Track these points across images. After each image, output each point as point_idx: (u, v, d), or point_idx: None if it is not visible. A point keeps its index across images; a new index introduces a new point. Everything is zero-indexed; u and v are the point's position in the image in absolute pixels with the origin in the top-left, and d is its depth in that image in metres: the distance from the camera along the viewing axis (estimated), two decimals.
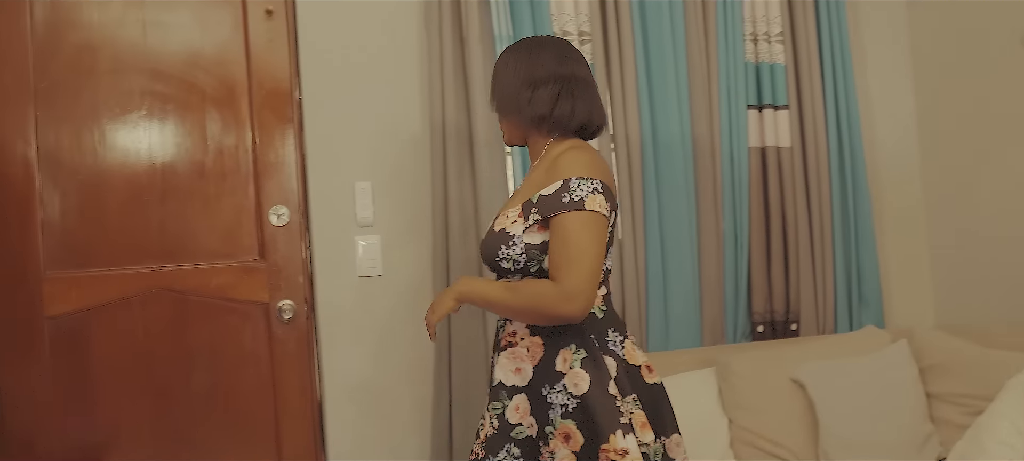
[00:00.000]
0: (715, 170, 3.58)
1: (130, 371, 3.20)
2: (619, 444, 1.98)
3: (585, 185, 2.02)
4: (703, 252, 3.58)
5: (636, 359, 2.16)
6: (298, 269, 3.30)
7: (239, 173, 3.29)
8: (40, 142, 3.14)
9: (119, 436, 3.21)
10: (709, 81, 3.59)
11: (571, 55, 2.23)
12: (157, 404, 3.22)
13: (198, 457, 3.23)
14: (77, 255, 3.17)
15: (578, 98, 2.17)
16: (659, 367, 3.22)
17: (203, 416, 3.23)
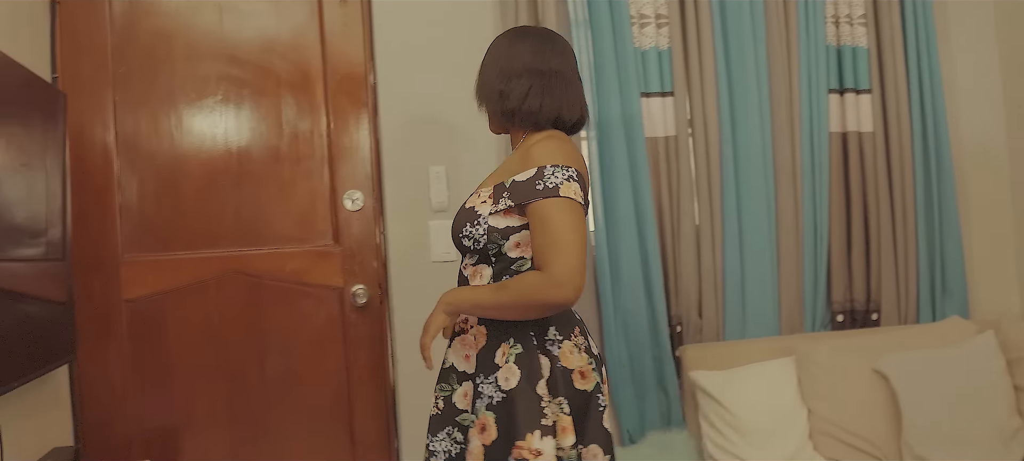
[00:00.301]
0: (795, 156, 3.50)
1: (205, 354, 3.23)
2: (534, 444, 1.97)
3: (559, 172, 2.00)
4: (782, 239, 3.50)
5: (570, 363, 2.10)
6: (372, 254, 3.29)
7: (314, 158, 3.28)
8: (118, 128, 3.17)
9: (194, 419, 3.23)
10: (789, 65, 3.50)
11: (551, 48, 2.20)
12: (231, 387, 3.24)
13: (272, 440, 3.25)
14: (154, 239, 3.20)
15: (548, 93, 2.15)
16: (736, 355, 3.29)
17: (277, 400, 3.24)
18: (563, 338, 2.11)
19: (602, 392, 2.13)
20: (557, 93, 2.16)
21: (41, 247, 2.64)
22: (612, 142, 3.34)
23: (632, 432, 3.41)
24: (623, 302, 3.37)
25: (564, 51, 2.22)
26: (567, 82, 2.19)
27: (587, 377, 2.10)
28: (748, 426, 3.12)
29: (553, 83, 2.16)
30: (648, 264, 3.37)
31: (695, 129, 3.43)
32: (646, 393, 3.43)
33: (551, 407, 2.04)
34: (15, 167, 2.42)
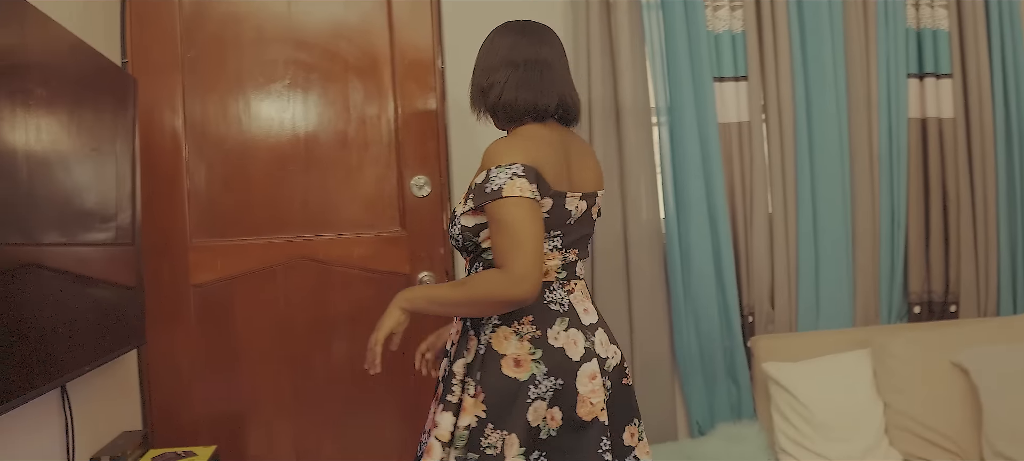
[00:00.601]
0: (872, 143, 3.41)
1: (271, 340, 3.23)
2: (435, 417, 2.13)
3: (503, 173, 2.02)
4: (857, 228, 3.42)
5: (503, 348, 2.11)
6: (439, 241, 3.26)
7: (381, 143, 3.26)
8: (187, 112, 3.18)
9: (259, 405, 3.24)
10: (867, 48, 3.40)
11: (528, 38, 2.21)
12: (297, 374, 3.24)
13: (337, 429, 3.24)
14: (222, 224, 3.21)
15: (523, 85, 2.16)
16: (809, 346, 3.23)
17: (342, 388, 3.23)
18: (501, 323, 2.11)
19: (545, 385, 2.09)
20: (532, 83, 2.16)
21: (111, 232, 2.64)
22: (684, 128, 3.28)
23: (701, 423, 3.37)
24: (694, 291, 3.32)
25: (543, 40, 2.22)
26: (542, 71, 2.18)
27: (522, 365, 2.08)
28: (822, 420, 3.05)
29: (528, 74, 2.17)
30: (720, 253, 3.32)
31: (769, 115, 3.36)
32: (716, 384, 3.38)
33: (459, 385, 2.12)
34: (86, 152, 2.42)
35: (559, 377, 2.08)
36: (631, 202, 3.25)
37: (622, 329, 3.26)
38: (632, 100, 3.23)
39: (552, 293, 2.15)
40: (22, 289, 1.99)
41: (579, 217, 2.18)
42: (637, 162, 3.25)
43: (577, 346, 2.12)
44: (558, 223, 2.13)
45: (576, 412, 2.09)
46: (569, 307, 2.16)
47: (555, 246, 2.15)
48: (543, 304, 2.13)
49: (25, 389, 1.96)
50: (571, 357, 2.10)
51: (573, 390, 2.09)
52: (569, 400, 2.09)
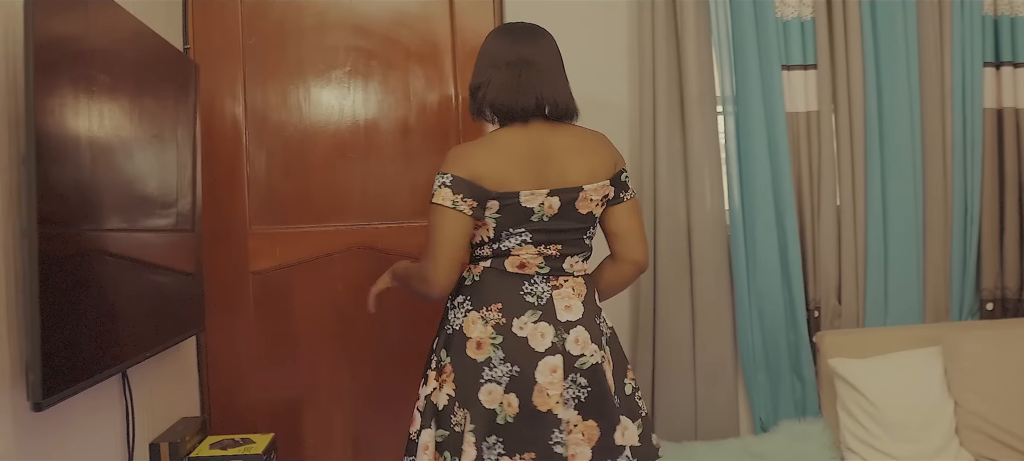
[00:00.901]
0: (945, 133, 3.31)
1: (329, 328, 3.22)
2: (421, 389, 2.32)
3: (438, 180, 2.22)
4: (929, 222, 3.33)
5: (470, 332, 2.24)
6: None
7: (442, 131, 3.23)
8: (247, 99, 3.17)
9: (316, 393, 3.24)
10: (941, 35, 3.30)
11: (510, 40, 2.30)
12: (354, 363, 3.24)
13: (393, 420, 3.20)
14: (281, 211, 3.20)
15: (504, 88, 2.26)
16: (877, 343, 3.18)
17: (400, 379, 3.20)
18: (472, 308, 2.26)
19: (500, 369, 2.21)
20: (510, 85, 2.25)
21: (172, 218, 2.65)
22: (750, 118, 3.21)
23: (764, 420, 3.31)
24: (758, 284, 3.26)
25: (527, 41, 2.30)
26: (521, 71, 2.26)
27: (482, 348, 2.21)
28: (890, 418, 2.98)
29: (508, 75, 2.25)
30: (786, 245, 3.25)
31: (838, 104, 3.28)
32: (780, 380, 3.31)
33: (433, 360, 2.31)
34: (148, 138, 2.43)
35: (516, 364, 2.19)
36: (695, 193, 3.20)
37: (684, 322, 3.21)
38: (697, 89, 3.17)
39: (532, 286, 2.26)
40: (86, 274, 1.99)
41: (555, 213, 2.25)
42: (702, 153, 3.19)
43: (544, 339, 2.21)
44: (518, 221, 2.24)
45: (532, 401, 2.19)
46: (547, 301, 2.25)
47: (524, 241, 2.25)
48: (519, 295, 2.25)
49: (88, 374, 1.96)
50: (534, 347, 2.20)
51: (531, 378, 2.19)
52: (526, 388, 2.19)
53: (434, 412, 2.25)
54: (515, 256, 2.26)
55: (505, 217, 2.23)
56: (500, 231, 2.25)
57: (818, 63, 3.27)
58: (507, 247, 2.26)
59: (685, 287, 3.23)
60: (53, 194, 1.81)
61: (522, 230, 2.24)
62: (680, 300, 3.21)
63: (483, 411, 2.19)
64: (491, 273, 2.28)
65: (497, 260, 2.28)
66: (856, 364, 3.09)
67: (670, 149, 3.19)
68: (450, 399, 2.22)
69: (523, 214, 2.23)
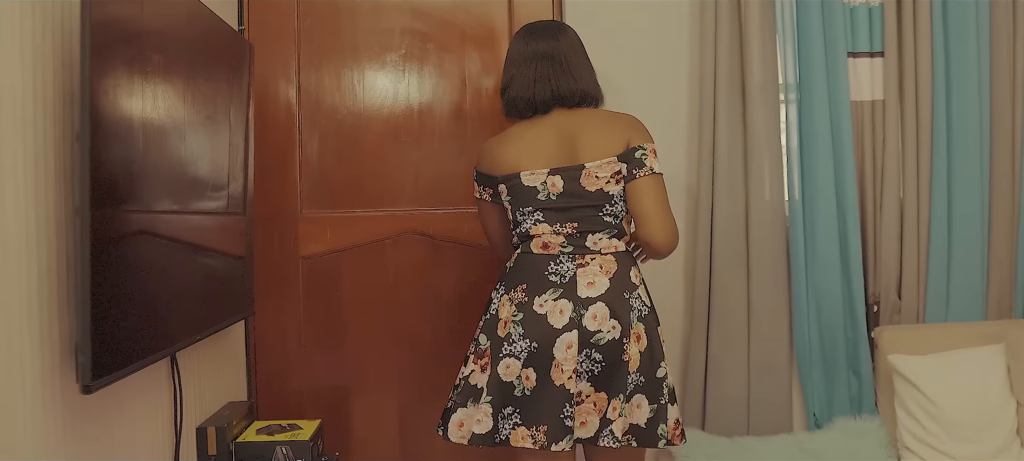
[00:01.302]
0: (1015, 125, 3.22)
1: (378, 315, 3.20)
2: (462, 368, 2.46)
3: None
4: (995, 217, 3.25)
5: (501, 314, 2.38)
6: None
7: (496, 116, 3.17)
8: (301, 82, 3.14)
9: (364, 380, 3.22)
10: (1015, 24, 3.21)
11: (529, 37, 2.48)
12: (403, 350, 3.21)
13: (440, 408, 3.17)
14: (332, 196, 3.17)
15: (521, 82, 2.43)
16: (938, 340, 3.12)
17: (449, 367, 3.15)
18: (504, 292, 2.41)
19: (520, 345, 2.32)
20: (527, 80, 2.43)
21: (223, 201, 2.63)
22: (814, 106, 3.15)
23: (818, 416, 3.26)
24: (816, 278, 3.20)
25: (544, 36, 2.46)
26: (538, 65, 2.42)
27: (506, 326, 2.35)
28: (950, 417, 2.92)
29: (526, 70, 2.43)
30: (847, 238, 3.18)
31: (905, 93, 3.19)
32: (836, 375, 3.26)
33: (474, 343, 2.44)
34: (201, 119, 2.41)
35: (535, 340, 2.30)
36: (754, 183, 3.13)
37: (739, 313, 3.17)
38: (760, 76, 3.11)
39: (557, 265, 2.36)
40: (137, 256, 1.98)
41: (560, 192, 2.36)
42: (762, 141, 3.13)
43: (562, 315, 2.30)
44: (525, 200, 2.40)
45: (549, 375, 2.29)
46: (570, 279, 2.33)
47: (537, 220, 2.40)
48: (543, 274, 2.36)
49: (138, 357, 1.96)
50: (553, 324, 2.30)
51: (549, 354, 2.29)
52: (544, 363, 2.30)
53: (471, 392, 2.37)
54: (537, 237, 2.40)
55: (514, 198, 2.42)
56: (515, 212, 2.44)
57: (885, 50, 3.19)
58: (526, 228, 2.41)
59: (742, 279, 3.17)
60: (106, 173, 1.80)
61: (531, 209, 2.39)
62: (736, 292, 3.16)
63: (500, 384, 2.32)
64: (522, 257, 2.42)
65: (525, 243, 2.43)
66: (916, 361, 3.03)
67: (731, 138, 3.13)
68: (491, 378, 2.35)
69: (528, 194, 2.39)
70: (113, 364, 1.81)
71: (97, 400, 1.95)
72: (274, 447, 2.64)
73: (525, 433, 2.29)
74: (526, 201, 2.39)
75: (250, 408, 2.87)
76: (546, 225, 2.37)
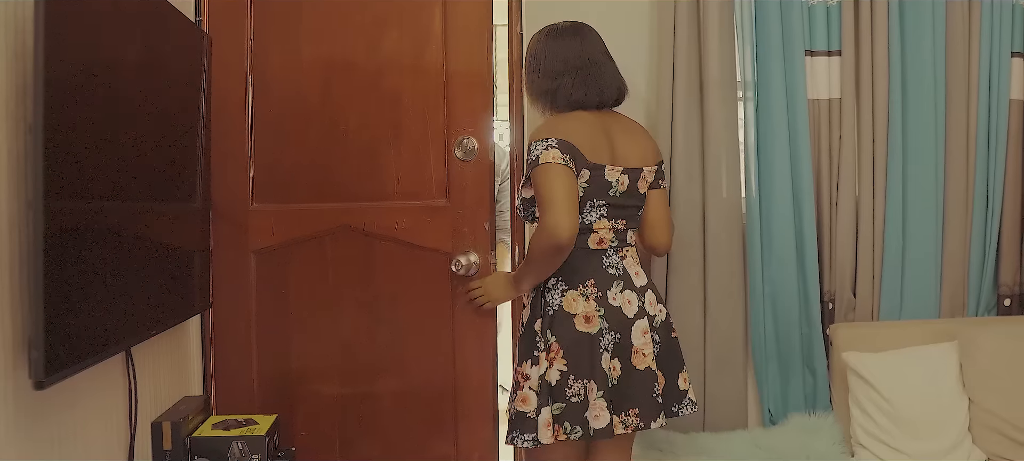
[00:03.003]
0: (969, 124, 3.23)
1: (320, 312, 3.12)
2: (526, 371, 2.48)
3: (540, 145, 2.41)
4: (949, 215, 3.27)
5: (573, 308, 2.46)
6: (485, 214, 3.08)
7: (427, 101, 3.05)
8: (253, 73, 3.06)
9: (318, 375, 3.16)
10: (970, 23, 3.22)
11: (581, 41, 2.58)
12: (343, 351, 3.13)
13: (377, 416, 3.15)
14: (279, 189, 3.09)
15: (589, 83, 2.54)
16: (892, 337, 3.13)
17: (383, 373, 3.12)
18: (568, 287, 2.48)
19: (607, 338, 2.46)
20: (591, 82, 2.54)
21: (180, 194, 2.62)
22: (771, 104, 3.15)
23: (774, 412, 3.27)
24: (772, 274, 3.21)
25: (593, 40, 2.60)
26: (599, 68, 2.56)
27: (591, 321, 2.45)
28: (903, 414, 2.95)
29: (587, 74, 2.54)
30: (802, 235, 3.20)
31: (861, 92, 3.21)
32: (791, 372, 3.27)
33: (542, 341, 2.46)
34: (157, 111, 2.40)
35: (617, 332, 2.46)
36: (711, 180, 3.14)
37: (696, 309, 3.17)
38: (718, 73, 3.10)
39: (609, 259, 2.52)
40: (92, 250, 1.96)
41: (624, 190, 2.52)
42: (720, 138, 3.13)
43: (631, 305, 2.50)
44: (600, 192, 2.48)
45: (631, 362, 2.47)
46: (623, 271, 2.52)
47: (602, 215, 2.50)
48: (602, 269, 2.50)
49: (94, 351, 1.95)
50: (627, 314, 2.48)
51: (628, 342, 2.47)
52: (626, 351, 2.47)
53: (549, 389, 2.43)
54: (595, 232, 2.50)
55: (591, 188, 2.46)
56: (585, 203, 2.47)
57: (843, 49, 3.20)
58: (589, 221, 2.48)
59: (698, 276, 3.18)
60: (60, 166, 1.77)
61: (602, 203, 2.49)
62: (692, 289, 3.17)
63: (604, 377, 2.43)
64: (577, 253, 2.47)
65: (581, 238, 2.48)
66: (870, 358, 3.05)
67: (687, 135, 3.12)
68: (562, 374, 2.42)
69: (605, 187, 2.48)
70: (67, 359, 1.80)
71: (50, 396, 1.93)
72: (230, 442, 2.62)
73: (616, 420, 2.45)
74: (600, 195, 2.48)
75: (206, 403, 2.84)
76: (606, 221, 2.50)
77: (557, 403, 2.42)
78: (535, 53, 2.61)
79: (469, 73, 3.04)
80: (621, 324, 2.47)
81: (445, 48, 3.04)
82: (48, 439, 1.97)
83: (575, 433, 2.40)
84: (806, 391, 3.29)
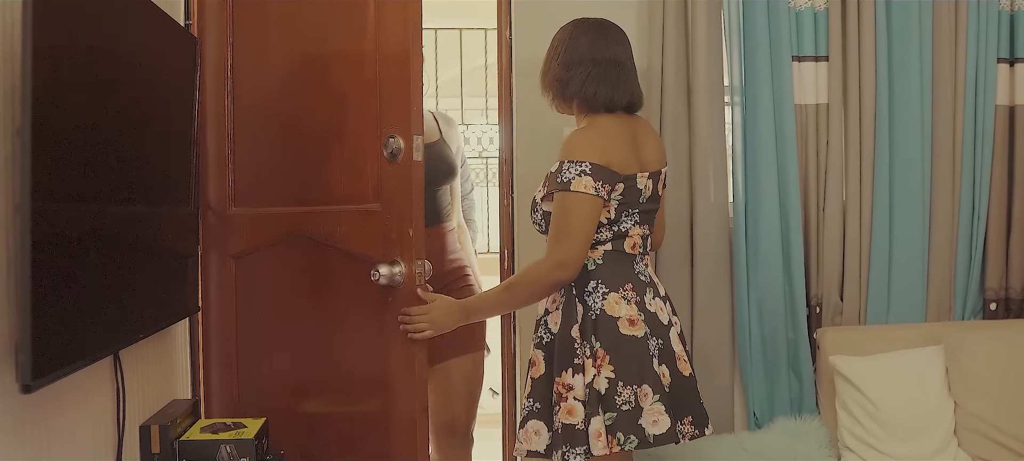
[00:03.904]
0: (956, 130, 3.27)
1: (278, 319, 2.99)
2: (567, 381, 2.35)
3: (573, 168, 2.31)
4: (935, 219, 3.30)
5: (615, 311, 2.36)
6: (409, 219, 2.66)
7: (362, 96, 2.79)
8: (235, 75, 2.95)
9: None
10: (956, 30, 3.25)
11: (606, 38, 2.48)
12: (295, 359, 2.98)
13: (321, 433, 3.02)
14: (255, 193, 2.97)
15: (603, 80, 2.42)
16: (879, 341, 3.15)
17: (323, 389, 2.99)
18: (609, 290, 2.37)
19: (652, 343, 2.38)
20: (611, 80, 2.43)
21: (170, 197, 2.60)
22: (759, 109, 3.18)
23: (759, 415, 3.29)
24: (759, 278, 3.23)
25: (619, 40, 2.49)
26: (619, 69, 2.46)
27: (636, 324, 2.36)
28: (889, 417, 2.97)
29: (608, 71, 2.43)
30: (789, 239, 3.22)
31: (849, 97, 3.24)
32: (777, 375, 3.30)
33: (582, 348, 2.35)
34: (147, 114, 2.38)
35: (659, 338, 2.39)
36: (699, 184, 3.16)
37: (683, 313, 3.18)
38: (706, 78, 3.13)
39: (638, 265, 2.45)
40: (80, 253, 1.95)
41: (649, 195, 2.44)
42: (708, 143, 3.16)
43: (663, 312, 2.45)
44: (633, 202, 2.40)
45: (677, 368, 2.41)
46: (650, 279, 2.48)
47: (635, 221, 2.42)
48: (635, 274, 2.43)
49: (81, 355, 1.93)
50: (662, 320, 2.43)
51: (670, 349, 2.41)
52: (670, 358, 2.40)
53: (599, 399, 2.32)
54: (630, 237, 2.43)
55: (626, 198, 2.38)
56: (620, 212, 2.39)
57: (830, 55, 3.23)
58: (625, 228, 2.41)
59: (685, 278, 3.21)
60: (48, 168, 1.76)
61: (636, 211, 2.42)
62: (680, 293, 3.18)
63: (657, 381, 2.35)
64: (612, 256, 2.41)
65: (617, 242, 2.41)
66: (857, 362, 3.07)
67: (676, 139, 3.15)
68: (611, 381, 2.31)
69: (636, 195, 2.41)
70: (54, 363, 1.79)
71: (38, 400, 1.91)
72: (218, 445, 2.61)
73: (678, 427, 2.41)
74: (633, 203, 2.41)
75: (194, 406, 2.82)
76: (638, 227, 2.44)
77: (608, 413, 2.30)
78: (558, 42, 2.51)
79: (396, 68, 2.69)
80: (660, 330, 2.41)
81: (377, 39, 2.73)
82: (35, 443, 1.95)
83: (631, 443, 2.30)
84: (792, 395, 3.31)
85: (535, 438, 2.42)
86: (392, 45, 2.67)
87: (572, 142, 2.38)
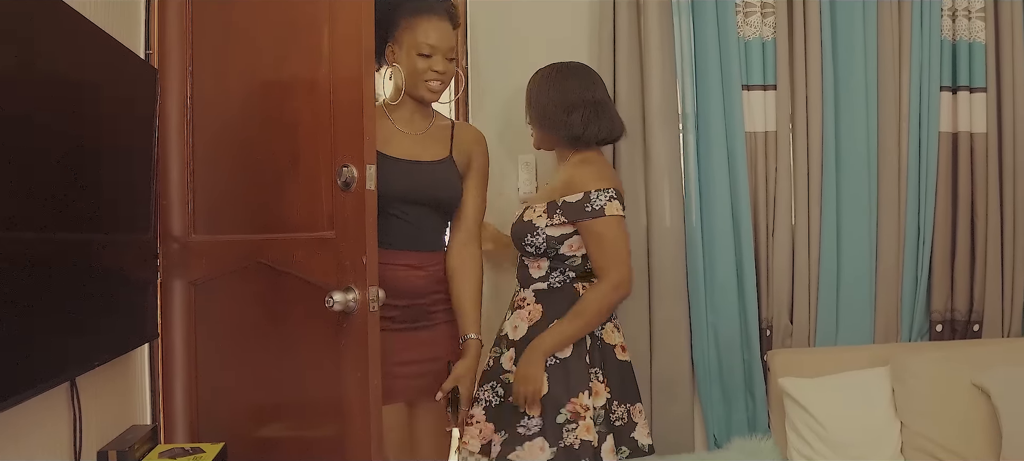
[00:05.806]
0: (901, 156, 3.33)
1: (236, 346, 2.98)
2: (585, 402, 2.62)
3: (603, 195, 2.63)
4: (882, 243, 3.35)
5: (612, 339, 2.75)
6: (361, 246, 2.52)
7: (317, 124, 2.70)
8: (194, 102, 2.98)
9: (230, 413, 3.03)
10: (900, 59, 3.32)
11: (594, 80, 2.79)
12: (254, 384, 2.94)
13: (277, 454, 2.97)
14: (213, 219, 2.99)
15: (602, 118, 2.72)
16: (827, 363, 3.20)
17: (281, 414, 2.95)
18: (608, 320, 2.74)
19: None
20: (606, 117, 2.74)
21: (128, 224, 2.62)
22: (710, 136, 3.24)
23: (718, 436, 3.34)
24: (715, 301, 3.29)
25: (600, 82, 2.82)
26: (610, 107, 2.81)
27: (626, 350, 2.78)
28: (837, 438, 3.02)
29: (602, 110, 2.73)
30: (742, 263, 3.28)
31: (796, 125, 3.30)
32: (733, 397, 3.35)
33: (592, 372, 2.68)
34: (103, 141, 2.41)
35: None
36: (655, 209, 3.22)
37: (642, 336, 3.23)
38: (660, 105, 3.19)
39: None
40: (32, 279, 1.95)
41: None
42: (663, 169, 3.22)
43: None
44: None
45: None
46: None
47: None
48: None
49: (35, 382, 1.94)
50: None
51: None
52: None
53: (605, 417, 2.68)
54: None
55: None
56: None
57: (778, 84, 3.29)
58: None
59: (643, 301, 3.24)
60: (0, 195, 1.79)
61: None
62: (638, 316, 3.23)
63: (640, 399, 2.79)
64: None
65: None
66: (805, 383, 3.12)
67: (631, 165, 3.20)
68: (607, 401, 2.69)
69: None
70: (7, 390, 1.79)
71: None
72: None
73: None
74: None
75: (153, 431, 2.83)
76: None
77: (603, 428, 2.67)
78: (544, 88, 2.75)
79: (349, 93, 2.60)
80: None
81: (331, 66, 2.65)
82: None
83: (623, 453, 2.69)
84: (748, 415, 3.36)
85: (540, 453, 2.60)
86: (344, 70, 2.59)
87: (588, 173, 2.68)
